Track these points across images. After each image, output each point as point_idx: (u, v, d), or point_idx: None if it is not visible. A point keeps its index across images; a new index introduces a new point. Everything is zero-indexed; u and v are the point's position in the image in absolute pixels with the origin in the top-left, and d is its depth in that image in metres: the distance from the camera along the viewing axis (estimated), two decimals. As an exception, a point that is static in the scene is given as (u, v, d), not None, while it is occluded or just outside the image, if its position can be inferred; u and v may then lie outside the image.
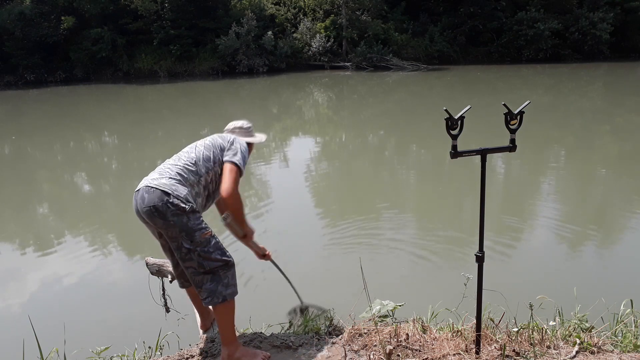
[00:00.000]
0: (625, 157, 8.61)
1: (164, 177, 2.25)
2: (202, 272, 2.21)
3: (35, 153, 11.13)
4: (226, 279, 2.24)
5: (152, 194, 2.18)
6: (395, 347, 2.33)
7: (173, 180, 2.24)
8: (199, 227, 2.19)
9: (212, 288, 2.21)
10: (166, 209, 2.15)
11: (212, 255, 2.20)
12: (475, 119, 9.50)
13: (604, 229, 5.51)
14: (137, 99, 19.84)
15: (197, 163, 2.35)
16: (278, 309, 2.63)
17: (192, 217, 2.18)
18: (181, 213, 2.15)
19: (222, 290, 2.22)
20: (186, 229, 2.17)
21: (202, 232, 2.19)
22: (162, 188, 2.18)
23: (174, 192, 2.18)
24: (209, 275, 2.22)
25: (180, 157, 2.40)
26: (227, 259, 2.25)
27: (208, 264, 2.20)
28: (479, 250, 2.16)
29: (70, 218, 6.61)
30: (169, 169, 2.31)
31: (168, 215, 2.15)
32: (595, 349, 2.31)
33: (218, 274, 2.22)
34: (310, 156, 9.58)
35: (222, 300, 2.22)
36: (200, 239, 2.18)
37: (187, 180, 2.28)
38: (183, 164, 2.33)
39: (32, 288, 4.47)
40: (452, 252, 4.93)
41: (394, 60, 24.73)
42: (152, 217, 2.19)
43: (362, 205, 6.55)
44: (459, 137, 2.02)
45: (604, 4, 25.95)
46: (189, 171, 2.31)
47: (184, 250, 2.19)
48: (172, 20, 24.65)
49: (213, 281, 2.22)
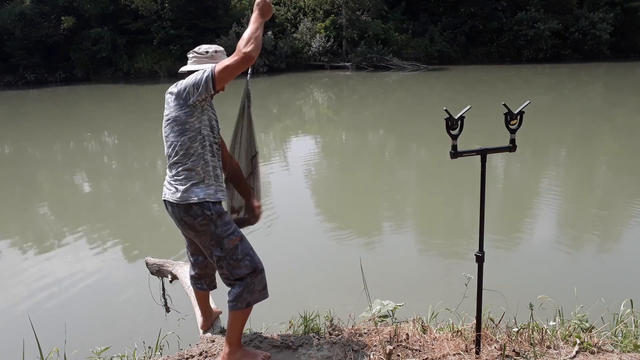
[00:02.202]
0: (626, 158, 8.61)
1: (176, 187, 2.18)
2: (232, 279, 2.24)
3: (35, 153, 11.14)
4: (252, 285, 2.23)
5: (177, 208, 2.18)
6: (395, 347, 2.33)
7: (184, 185, 2.16)
8: (227, 233, 2.18)
9: (238, 293, 2.22)
10: (193, 221, 2.16)
11: (240, 263, 2.20)
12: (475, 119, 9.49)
13: (604, 229, 5.51)
14: (137, 99, 19.85)
15: (176, 146, 2.16)
16: (278, 309, 2.63)
17: (219, 222, 2.17)
18: (208, 222, 2.15)
19: (247, 297, 2.23)
20: (215, 237, 2.17)
21: (231, 239, 2.18)
22: (182, 202, 2.15)
23: (193, 201, 2.14)
24: (238, 281, 2.23)
25: (169, 155, 2.24)
26: (256, 266, 2.24)
27: (237, 272, 2.21)
28: (479, 250, 2.16)
29: (70, 218, 6.61)
30: (173, 174, 2.21)
31: (197, 226, 2.17)
32: (595, 349, 2.30)
33: (246, 280, 2.23)
34: (310, 156, 9.58)
35: (245, 306, 2.23)
36: (229, 246, 2.18)
37: (192, 169, 2.17)
38: (174, 160, 2.20)
39: (32, 288, 4.47)
40: (452, 252, 4.93)
41: (394, 60, 24.72)
42: (185, 229, 2.25)
43: (362, 205, 6.55)
44: (459, 137, 2.02)
45: (604, 4, 25.94)
46: (183, 159, 2.16)
47: (215, 258, 2.22)
48: (172, 20, 24.65)
49: (241, 287, 2.22)
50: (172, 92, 2.18)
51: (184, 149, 2.17)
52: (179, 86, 2.16)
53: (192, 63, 2.27)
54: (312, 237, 5.38)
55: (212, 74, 2.06)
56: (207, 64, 2.21)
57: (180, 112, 2.15)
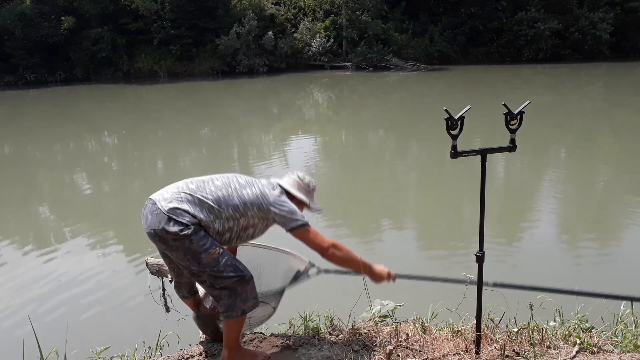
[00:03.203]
0: (626, 157, 8.61)
1: (178, 201, 2.08)
2: (217, 289, 2.12)
3: (35, 153, 11.14)
4: (244, 293, 2.12)
5: (155, 216, 2.05)
6: (395, 347, 2.33)
7: (187, 205, 2.06)
8: (204, 247, 2.04)
9: (230, 303, 2.11)
10: (168, 236, 2.02)
11: (223, 274, 2.07)
12: (475, 119, 9.50)
13: (604, 229, 5.51)
14: (137, 99, 19.84)
15: (221, 204, 2.11)
16: (278, 309, 2.62)
17: (194, 238, 2.02)
18: (182, 238, 2.02)
19: (241, 305, 2.13)
20: (190, 253, 2.04)
21: (209, 253, 2.05)
22: (169, 214, 2.02)
23: (179, 219, 2.01)
24: (226, 291, 2.11)
25: (205, 187, 2.16)
26: (242, 274, 2.12)
27: (221, 282, 2.09)
28: (479, 250, 2.16)
29: (70, 218, 6.61)
30: (191, 193, 2.11)
31: (169, 241, 2.04)
32: (595, 349, 2.30)
33: (235, 289, 2.11)
34: (310, 156, 9.58)
35: (240, 314, 2.14)
36: (207, 260, 2.05)
37: (209, 212, 2.10)
38: (207, 195, 2.12)
39: (32, 288, 4.47)
40: (452, 252, 4.93)
41: (394, 60, 24.71)
42: (154, 241, 2.11)
43: (362, 205, 6.55)
44: (459, 137, 2.02)
45: (604, 4, 25.91)
46: (211, 205, 2.10)
47: (193, 270, 2.09)
48: (172, 20, 24.63)
49: (231, 296, 2.11)
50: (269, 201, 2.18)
51: (222, 212, 2.11)
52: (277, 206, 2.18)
53: (293, 186, 2.33)
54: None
55: (299, 228, 2.17)
56: (304, 196, 2.35)
57: (254, 218, 2.18)
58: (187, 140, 11.60)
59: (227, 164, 9.34)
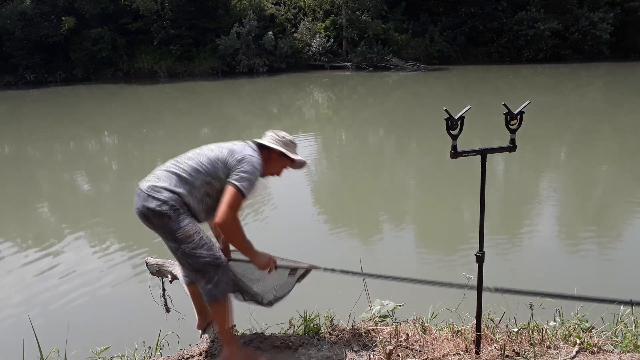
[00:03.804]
0: (626, 158, 8.61)
1: (155, 179, 2.23)
2: (193, 270, 2.23)
3: (35, 153, 11.14)
4: (216, 277, 2.21)
5: (140, 197, 2.20)
6: (395, 347, 2.33)
7: (164, 182, 2.20)
8: (180, 225, 2.16)
9: (204, 287, 2.23)
10: (148, 212, 2.16)
11: (197, 252, 2.17)
12: (475, 119, 9.50)
13: (604, 229, 5.51)
14: (137, 99, 19.84)
15: (192, 173, 2.22)
16: (278, 309, 2.63)
17: (173, 215, 2.15)
18: (161, 215, 2.15)
19: (212, 289, 2.22)
20: (169, 230, 2.17)
21: (185, 230, 2.16)
22: (147, 192, 2.17)
23: (156, 195, 2.15)
24: (200, 273, 2.22)
25: (179, 161, 2.29)
26: (215, 257, 2.21)
27: (195, 261, 2.19)
28: (479, 250, 2.16)
29: (70, 218, 6.61)
30: (166, 169, 2.27)
31: (151, 218, 2.17)
32: (595, 349, 2.30)
33: (208, 273, 2.21)
34: (310, 156, 9.58)
35: (213, 298, 2.22)
36: (183, 237, 2.16)
37: (184, 183, 2.22)
38: (181, 167, 2.25)
39: (32, 288, 4.47)
40: (452, 252, 4.93)
41: (394, 60, 24.70)
42: (142, 221, 2.24)
43: (362, 205, 6.55)
44: (459, 137, 2.02)
45: (604, 4, 25.91)
46: (185, 177, 2.22)
47: (172, 249, 2.22)
48: (172, 20, 24.63)
49: (204, 279, 2.21)
50: (235, 160, 2.22)
51: (195, 181, 2.22)
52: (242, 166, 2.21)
53: (270, 142, 2.38)
54: (312, 237, 5.38)
55: (234, 187, 2.17)
56: (282, 147, 2.37)
57: (221, 174, 2.22)
58: (187, 140, 11.60)
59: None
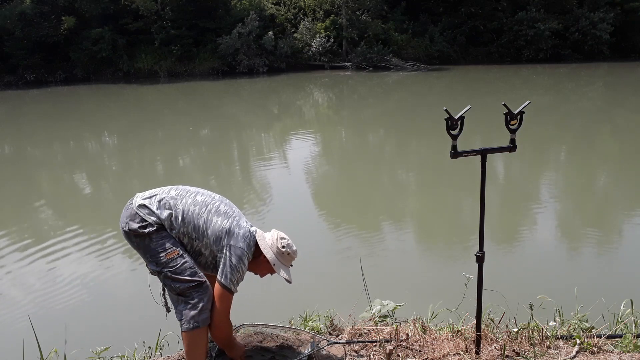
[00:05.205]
0: (626, 158, 8.61)
1: (149, 199, 2.13)
2: (175, 294, 2.07)
3: (35, 153, 11.14)
4: (201, 303, 2.04)
5: (126, 211, 2.12)
6: (395, 347, 2.33)
7: (154, 204, 2.10)
8: (163, 247, 2.05)
9: (184, 312, 2.04)
10: (128, 230, 2.08)
11: (180, 276, 2.03)
12: (475, 119, 9.50)
13: (604, 229, 5.51)
14: (137, 99, 19.84)
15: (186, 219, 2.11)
16: (278, 308, 2.63)
17: (155, 237, 2.05)
18: (142, 235, 2.06)
19: (196, 315, 2.03)
20: (149, 251, 2.06)
21: (167, 253, 2.05)
22: (134, 208, 2.10)
23: (142, 214, 2.07)
24: (182, 298, 2.06)
25: (185, 202, 2.15)
26: (199, 279, 2.06)
27: (177, 285, 2.04)
28: (479, 250, 2.16)
29: (70, 218, 6.61)
30: (168, 200, 2.13)
31: (132, 237, 2.09)
32: (595, 349, 2.31)
33: (191, 296, 2.04)
34: (310, 156, 9.58)
35: (193, 326, 2.03)
36: (165, 259, 2.04)
37: (178, 224, 2.11)
38: (182, 210, 2.12)
39: (32, 288, 4.47)
40: (452, 252, 4.93)
41: (394, 60, 24.70)
42: (125, 237, 2.15)
43: (362, 205, 6.55)
44: (459, 137, 2.02)
45: (604, 4, 25.92)
46: (175, 217, 2.11)
47: (153, 271, 2.10)
48: (172, 20, 24.62)
49: (187, 304, 2.04)
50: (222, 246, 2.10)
51: (183, 224, 2.10)
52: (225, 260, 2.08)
53: (267, 245, 2.18)
54: (312, 237, 5.38)
55: (222, 285, 2.07)
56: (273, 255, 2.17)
57: (207, 248, 2.13)
58: (187, 139, 11.60)
59: (227, 164, 9.34)
